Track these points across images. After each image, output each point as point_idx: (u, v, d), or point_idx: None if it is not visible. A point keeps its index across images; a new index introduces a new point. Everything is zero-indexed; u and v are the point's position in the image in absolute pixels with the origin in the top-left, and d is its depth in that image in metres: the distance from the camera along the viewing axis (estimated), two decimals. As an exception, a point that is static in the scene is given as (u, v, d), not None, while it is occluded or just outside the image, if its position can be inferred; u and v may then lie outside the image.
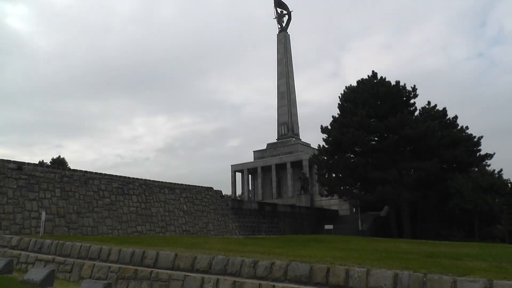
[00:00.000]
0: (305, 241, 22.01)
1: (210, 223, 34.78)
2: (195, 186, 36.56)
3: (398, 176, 42.21)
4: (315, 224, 50.00)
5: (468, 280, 8.26)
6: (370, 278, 9.16)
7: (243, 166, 70.53)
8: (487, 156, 50.55)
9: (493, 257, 13.65)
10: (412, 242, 26.19)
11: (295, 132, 71.90)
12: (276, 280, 10.30)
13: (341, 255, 12.62)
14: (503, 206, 42.82)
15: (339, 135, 45.02)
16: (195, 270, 11.95)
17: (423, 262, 11.08)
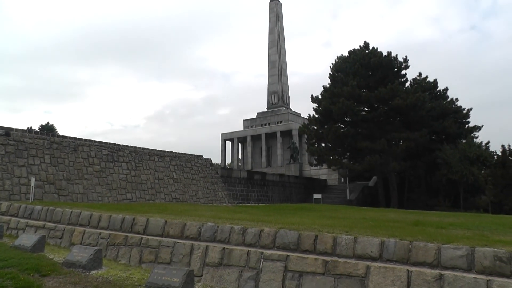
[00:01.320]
0: (294, 210, 22.24)
1: (200, 191, 34.98)
2: (185, 154, 36.63)
3: (387, 146, 42.55)
4: (303, 193, 50.47)
5: (452, 247, 8.50)
6: (357, 245, 9.34)
7: (233, 135, 70.66)
8: (475, 128, 51.14)
9: (476, 226, 13.96)
10: (399, 212, 26.56)
11: (286, 101, 71.87)
12: (265, 247, 10.47)
13: (329, 223, 12.80)
14: (488, 177, 43.66)
15: (329, 105, 45.06)
16: (184, 237, 12.09)
17: (409, 230, 11.30)
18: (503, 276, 7.81)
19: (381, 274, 8.37)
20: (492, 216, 25.37)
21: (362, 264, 8.70)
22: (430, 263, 8.48)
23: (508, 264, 7.89)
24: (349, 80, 44.79)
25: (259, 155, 67.61)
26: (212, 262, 10.55)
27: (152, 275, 9.15)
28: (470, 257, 8.22)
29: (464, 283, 7.65)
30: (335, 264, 8.89)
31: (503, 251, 8.06)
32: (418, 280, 8.03)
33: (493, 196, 42.64)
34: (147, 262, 11.78)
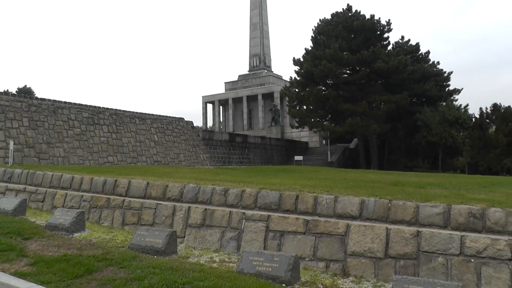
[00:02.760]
0: (275, 171, 22.41)
1: (181, 154, 34.96)
2: (166, 116, 36.40)
3: (368, 108, 42.74)
4: (285, 156, 50.74)
5: (430, 205, 8.71)
6: (337, 204, 9.50)
7: (214, 97, 70.23)
8: (455, 91, 51.59)
9: (453, 185, 14.26)
10: (379, 173, 26.93)
11: (267, 64, 71.36)
12: (246, 207, 10.59)
13: (310, 183, 12.94)
14: (466, 139, 44.63)
15: (311, 68, 44.89)
16: (166, 198, 12.16)
17: (388, 190, 11.49)
18: (475, 231, 8.10)
19: (361, 232, 8.56)
20: (468, 176, 25.91)
21: (342, 223, 8.88)
22: (408, 221, 8.70)
23: (480, 220, 8.18)
24: (332, 43, 44.53)
25: (241, 118, 67.47)
26: (194, 223, 10.66)
27: (135, 237, 9.23)
28: (447, 215, 8.47)
29: (440, 239, 7.90)
30: (316, 223, 9.05)
31: (476, 208, 8.32)
32: (396, 237, 8.24)
33: (470, 158, 43.65)
34: (130, 224, 11.86)
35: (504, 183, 16.53)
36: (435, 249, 7.90)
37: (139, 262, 7.77)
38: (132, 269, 7.29)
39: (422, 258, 7.96)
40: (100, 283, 6.64)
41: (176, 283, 6.57)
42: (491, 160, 41.79)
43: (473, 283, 7.47)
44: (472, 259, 7.59)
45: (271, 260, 7.49)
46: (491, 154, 41.84)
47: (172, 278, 6.77)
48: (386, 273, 8.08)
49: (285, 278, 7.21)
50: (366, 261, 8.32)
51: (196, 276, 6.98)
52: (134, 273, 7.05)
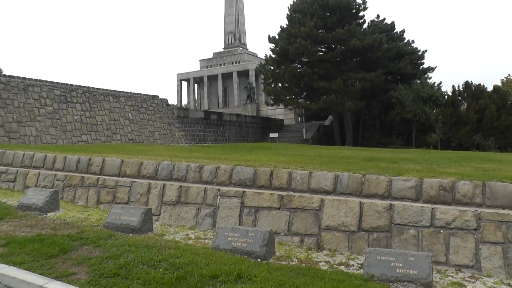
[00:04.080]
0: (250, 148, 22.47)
1: (156, 132, 34.74)
2: (141, 94, 35.99)
3: (343, 86, 42.88)
4: (260, 133, 50.81)
5: (402, 179, 8.89)
6: (311, 179, 9.60)
7: (189, 75, 69.57)
8: (429, 69, 52.31)
9: (426, 160, 14.53)
10: (353, 149, 27.23)
11: (242, 41, 70.86)
12: (221, 184, 10.63)
13: (285, 159, 13.02)
14: (439, 116, 45.40)
15: (286, 45, 44.71)
16: (141, 176, 12.13)
17: (362, 165, 11.64)
18: (445, 203, 8.37)
19: (335, 206, 8.69)
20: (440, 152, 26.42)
21: (316, 197, 8.99)
22: (381, 194, 8.87)
23: (450, 192, 8.43)
24: (307, 20, 44.32)
25: (216, 96, 67.12)
26: (169, 200, 10.67)
27: (110, 215, 9.21)
28: (418, 188, 8.68)
29: (412, 212, 8.10)
30: (290, 198, 9.15)
31: (447, 181, 8.54)
32: (369, 211, 8.39)
33: (442, 134, 44.51)
34: (105, 203, 11.82)
35: (473, 158, 16.92)
36: (407, 221, 8.10)
37: (114, 240, 7.77)
38: (108, 247, 7.29)
39: (394, 231, 8.15)
40: (75, 262, 6.63)
41: (152, 260, 6.61)
42: (462, 136, 42.68)
43: (442, 253, 7.72)
44: (441, 230, 7.84)
45: (246, 236, 7.57)
46: (462, 131, 42.75)
47: (147, 255, 6.81)
48: (360, 246, 8.25)
49: (260, 253, 7.30)
50: (340, 235, 8.47)
51: (172, 253, 7.03)
52: (110, 251, 7.06)
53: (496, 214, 7.69)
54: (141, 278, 5.92)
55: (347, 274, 6.61)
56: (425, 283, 6.24)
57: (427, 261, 6.46)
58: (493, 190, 8.23)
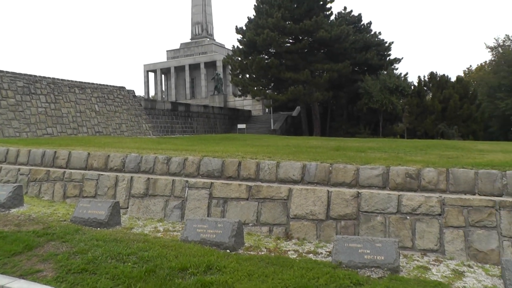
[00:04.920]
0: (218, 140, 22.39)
1: (123, 124, 34.32)
2: (107, 85, 35.41)
3: (310, 77, 43.10)
4: (228, 124, 50.76)
5: (369, 168, 9.02)
6: (279, 169, 9.65)
7: (156, 66, 68.91)
8: (396, 60, 53.14)
9: (392, 149, 14.75)
10: (321, 139, 27.41)
11: (210, 32, 70.48)
12: (189, 175, 10.58)
13: (253, 150, 13.02)
14: (405, 106, 46.35)
15: (253, 36, 44.63)
16: (108, 169, 11.96)
17: (330, 154, 11.74)
18: (411, 190, 8.56)
19: (303, 195, 8.75)
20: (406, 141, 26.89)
21: (284, 187, 9.04)
22: (349, 183, 8.98)
23: (416, 180, 8.63)
24: (274, 12, 44.30)
25: (183, 87, 66.71)
26: (137, 193, 10.57)
27: (77, 210, 9.07)
28: (385, 176, 8.83)
29: (379, 199, 8.24)
30: (259, 188, 9.17)
31: (413, 169, 8.72)
32: (337, 199, 8.49)
33: (409, 123, 45.52)
34: (71, 197, 11.61)
35: (438, 146, 17.25)
36: (374, 208, 8.24)
37: (82, 235, 7.66)
38: (75, 242, 7.17)
39: (362, 218, 8.28)
40: (41, 259, 6.47)
41: (121, 254, 6.54)
42: (427, 125, 43.72)
43: (408, 238, 7.91)
44: (408, 216, 8.02)
45: (215, 227, 7.57)
46: (427, 120, 43.82)
47: (116, 249, 6.73)
48: (328, 234, 8.34)
49: (229, 244, 7.31)
50: (308, 224, 8.55)
51: (140, 246, 6.97)
52: (77, 246, 6.93)
53: (459, 199, 7.94)
54: (109, 272, 5.84)
55: (316, 262, 6.68)
56: (392, 268, 6.38)
57: (394, 246, 6.61)
58: (456, 177, 8.47)
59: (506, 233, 7.56)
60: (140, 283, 5.53)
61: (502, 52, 55.53)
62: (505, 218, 7.61)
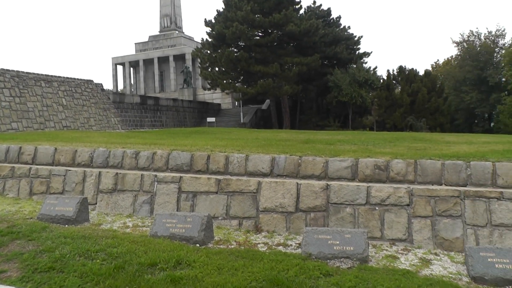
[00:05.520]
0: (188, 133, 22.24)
1: (92, 118, 33.76)
2: (74, 78, 34.65)
3: (280, 70, 43.20)
4: (197, 118, 50.53)
5: (338, 160, 9.11)
6: (248, 162, 9.65)
7: (124, 59, 67.96)
8: (365, 54, 53.87)
9: (362, 141, 14.87)
10: (291, 132, 27.50)
11: (178, 25, 69.83)
12: (158, 170, 10.49)
13: (222, 143, 12.97)
14: (374, 99, 47.09)
15: (223, 29, 44.43)
16: (76, 164, 11.76)
17: (299, 147, 11.79)
18: (380, 182, 8.70)
19: (272, 188, 8.78)
20: (376, 133, 27.22)
21: (253, 180, 9.04)
22: (318, 175, 9.04)
23: (385, 171, 8.75)
24: (243, 5, 44.17)
25: (152, 80, 66.04)
26: (106, 188, 10.42)
27: (44, 206, 8.89)
28: (354, 168, 8.93)
29: (348, 191, 8.33)
30: (228, 182, 9.16)
31: (382, 161, 8.83)
32: (306, 192, 8.54)
33: (378, 116, 46.26)
34: (38, 194, 11.36)
35: (407, 138, 17.48)
36: (343, 200, 8.33)
37: (49, 232, 7.49)
38: (42, 240, 7.01)
39: (331, 210, 8.36)
40: (5, 259, 6.28)
41: (89, 251, 6.44)
42: (396, 118, 44.54)
43: (377, 229, 8.04)
44: (376, 207, 8.14)
45: (184, 221, 7.52)
46: (396, 113, 44.69)
47: (84, 246, 6.62)
48: (297, 226, 8.39)
49: (199, 238, 7.28)
50: (278, 216, 8.58)
51: (109, 242, 6.89)
52: (44, 244, 6.78)
53: (426, 189, 8.11)
54: (77, 270, 5.74)
55: (286, 254, 6.71)
56: (361, 258, 6.47)
57: (363, 237, 6.70)
58: (423, 168, 8.64)
59: (469, 222, 7.81)
60: (109, 280, 5.46)
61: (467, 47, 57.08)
62: (469, 207, 7.85)
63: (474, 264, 6.11)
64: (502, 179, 8.27)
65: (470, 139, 17.23)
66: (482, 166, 8.45)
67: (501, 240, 7.65)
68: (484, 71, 53.78)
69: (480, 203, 7.87)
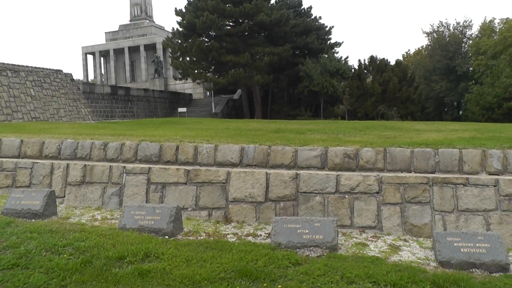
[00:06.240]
0: (158, 124, 22.00)
1: (62, 109, 33.13)
2: (43, 68, 33.88)
3: (251, 60, 43.09)
4: (169, 108, 50.16)
5: (308, 149, 9.13)
6: (217, 153, 9.60)
7: (95, 48, 66.82)
8: (336, 44, 53.98)
9: (332, 130, 14.93)
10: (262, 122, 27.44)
11: (149, 14, 68.97)
12: (127, 161, 10.36)
13: (192, 134, 12.87)
14: (345, 88, 47.40)
15: (193, 19, 44.03)
16: (43, 156, 11.53)
17: (269, 137, 11.78)
18: (350, 170, 8.77)
19: (241, 178, 8.75)
20: (347, 122, 27.41)
21: (223, 170, 9.02)
22: (287, 164, 9.06)
23: (354, 159, 8.82)
24: (214, -6, 43.91)
25: (123, 70, 65.16)
26: (74, 181, 10.25)
27: (9, 201, 8.69)
28: (324, 157, 8.97)
29: (317, 180, 8.37)
30: (197, 172, 9.11)
31: (351, 149, 8.89)
32: (276, 181, 8.55)
33: (349, 105, 46.82)
34: (3, 188, 11.08)
35: (377, 127, 17.62)
36: (313, 189, 8.36)
37: (14, 228, 7.31)
38: (6, 236, 6.82)
39: (301, 199, 8.39)
40: (-35, 257, 6.07)
41: (56, 246, 6.31)
42: (368, 107, 45.08)
43: (347, 217, 8.12)
44: (346, 195, 8.21)
45: (153, 213, 7.45)
46: (368, 102, 45.24)
47: (51, 241, 6.48)
48: (267, 216, 8.40)
49: (168, 230, 7.23)
50: (248, 206, 8.57)
51: (77, 236, 6.77)
52: (9, 240, 6.59)
53: (396, 177, 8.21)
54: (43, 266, 5.59)
55: (255, 244, 6.72)
56: (331, 246, 6.51)
57: (332, 225, 6.74)
58: (393, 155, 8.73)
59: (438, 208, 7.97)
60: (76, 275, 5.35)
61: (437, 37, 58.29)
62: (437, 194, 7.99)
63: (441, 249, 6.26)
64: (468, 166, 8.43)
65: (439, 127, 17.47)
66: (450, 153, 8.60)
67: (467, 224, 7.83)
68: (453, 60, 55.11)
69: (448, 189, 8.03)
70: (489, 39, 49.88)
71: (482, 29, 53.27)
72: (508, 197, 7.86)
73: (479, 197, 7.92)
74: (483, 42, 50.19)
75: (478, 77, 49.92)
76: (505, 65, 44.18)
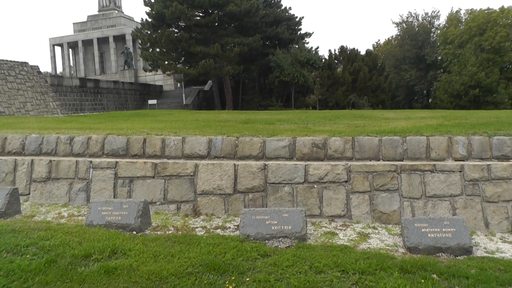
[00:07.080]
0: (128, 116, 21.72)
1: (28, 103, 32.41)
2: (7, 60, 33.00)
3: (221, 50, 42.86)
4: (139, 100, 49.63)
5: (276, 140, 9.10)
6: (185, 145, 9.49)
7: (63, 39, 65.49)
8: (307, 34, 54.33)
9: (302, 120, 14.93)
10: (232, 112, 27.38)
11: (118, 4, 67.89)
12: (94, 155, 10.15)
13: (160, 126, 12.73)
14: (316, 78, 47.69)
15: (162, 9, 43.53)
16: (6, 152, 11.21)
17: (238, 127, 11.71)
18: (318, 160, 8.78)
19: (209, 170, 8.69)
20: (317, 112, 27.53)
21: (190, 163, 8.93)
22: (256, 155, 9.02)
23: (323, 149, 8.84)
24: (183, -16, 43.47)
25: (92, 62, 64.09)
26: (39, 177, 10.01)
27: (-32, 201, 8.43)
28: (292, 147, 8.95)
29: (286, 170, 8.38)
30: (165, 166, 9.01)
31: (319, 139, 8.89)
32: (244, 173, 8.51)
33: (320, 95, 47.15)
34: (-38, 187, 10.78)
35: (347, 116, 17.73)
36: (281, 179, 8.36)
37: (-27, 229, 7.07)
38: (-38, 239, 6.56)
39: (269, 190, 8.37)
40: None
41: (18, 246, 6.09)
42: (338, 96, 45.45)
43: (316, 206, 8.14)
44: (315, 185, 8.22)
45: (120, 208, 7.34)
46: (338, 91, 45.63)
47: (13, 241, 6.25)
48: (236, 208, 8.36)
49: (135, 225, 7.13)
50: (216, 199, 8.52)
51: (41, 235, 6.58)
52: (-34, 242, 6.35)
53: (364, 165, 8.27)
54: (3, 268, 5.34)
55: (223, 237, 6.67)
56: (300, 236, 6.52)
57: (301, 215, 6.74)
58: (361, 144, 8.77)
59: (406, 195, 8.07)
60: (39, 276, 5.17)
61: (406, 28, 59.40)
62: (405, 181, 8.09)
63: (409, 235, 6.36)
64: (435, 152, 8.53)
65: (409, 114, 17.68)
66: (417, 140, 8.69)
67: (434, 210, 7.95)
68: (422, 50, 56.15)
69: (416, 176, 8.13)
70: (455, 29, 51.27)
71: (449, 19, 54.61)
72: (473, 182, 8.03)
73: (446, 183, 8.04)
74: (450, 32, 51.50)
75: (446, 66, 50.90)
76: (470, 54, 45.43)
